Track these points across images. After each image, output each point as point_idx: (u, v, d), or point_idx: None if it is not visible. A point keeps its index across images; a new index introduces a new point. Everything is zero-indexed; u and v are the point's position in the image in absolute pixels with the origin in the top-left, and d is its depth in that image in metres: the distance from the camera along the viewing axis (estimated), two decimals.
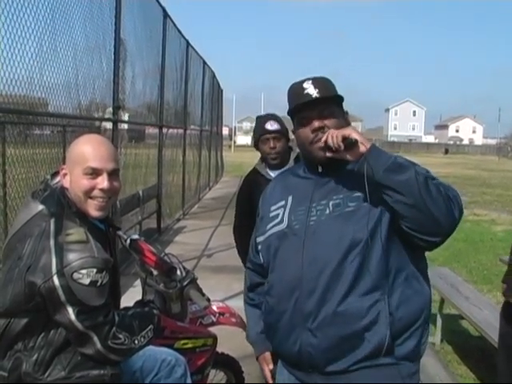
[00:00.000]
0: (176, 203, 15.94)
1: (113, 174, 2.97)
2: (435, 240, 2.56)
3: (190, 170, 18.50)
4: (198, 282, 3.72)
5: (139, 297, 3.73)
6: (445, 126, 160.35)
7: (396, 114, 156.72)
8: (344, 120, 2.79)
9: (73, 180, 2.92)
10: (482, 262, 11.43)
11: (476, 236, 14.12)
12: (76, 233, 2.80)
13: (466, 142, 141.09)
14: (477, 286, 9.07)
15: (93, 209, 2.93)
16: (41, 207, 2.88)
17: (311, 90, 2.72)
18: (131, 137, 12.00)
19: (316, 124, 2.70)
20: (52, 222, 2.81)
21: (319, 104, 2.71)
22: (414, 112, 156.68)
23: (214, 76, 25.66)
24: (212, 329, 4.01)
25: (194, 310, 3.89)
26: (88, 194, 2.90)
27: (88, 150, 2.92)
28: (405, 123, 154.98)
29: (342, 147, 2.54)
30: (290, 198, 2.85)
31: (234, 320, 4.25)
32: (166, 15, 12.99)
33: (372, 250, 2.59)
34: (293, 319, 2.68)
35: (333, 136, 2.57)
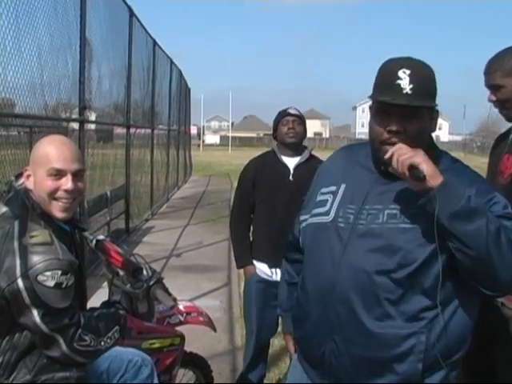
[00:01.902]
0: (144, 203, 15.87)
1: (77, 175, 2.95)
2: (491, 294, 2.33)
3: (158, 170, 18.41)
4: (167, 281, 3.72)
5: (107, 298, 3.73)
6: None
7: (363, 111, 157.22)
8: (430, 122, 2.46)
9: (37, 181, 2.90)
10: None
11: None
12: (40, 235, 2.78)
13: None
14: None
15: (57, 210, 2.91)
16: (4, 209, 2.86)
17: (405, 83, 2.32)
18: (99, 137, 11.91)
19: (394, 127, 2.36)
20: (16, 224, 2.79)
21: (406, 105, 2.34)
22: None
23: (181, 75, 25.54)
24: (181, 328, 3.99)
25: (161, 309, 3.87)
26: (52, 195, 2.88)
27: (51, 150, 2.90)
28: None
29: (407, 175, 2.24)
30: (342, 187, 2.57)
31: (201, 319, 4.24)
32: (132, 14, 12.89)
33: (423, 275, 2.33)
34: (319, 323, 2.50)
35: (399, 160, 2.25)
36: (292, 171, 4.70)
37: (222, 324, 6.68)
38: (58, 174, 2.88)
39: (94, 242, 3.66)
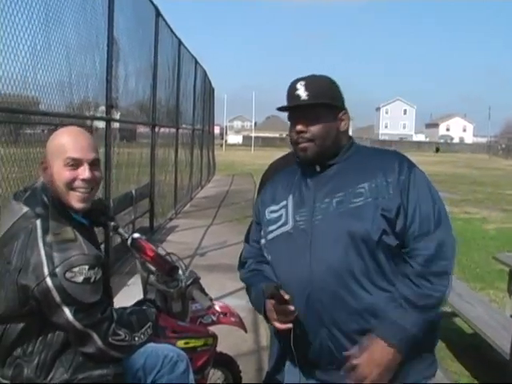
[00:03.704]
0: (168, 202, 15.89)
1: (93, 165, 2.94)
2: None
3: (182, 169, 18.46)
4: None
5: (133, 295, 3.73)
6: (435, 125, 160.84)
7: (387, 112, 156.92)
8: (334, 123, 2.82)
9: (54, 172, 2.89)
10: (474, 260, 11.45)
11: (468, 234, 14.09)
12: (63, 232, 2.77)
13: (456, 140, 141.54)
14: (469, 283, 9.08)
15: (75, 200, 2.90)
16: (25, 209, 2.84)
17: (301, 91, 2.75)
18: (122, 136, 11.95)
19: (298, 127, 2.76)
20: (38, 223, 2.77)
21: (305, 108, 2.75)
22: (405, 111, 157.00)
23: (205, 75, 25.60)
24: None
25: (194, 309, 3.87)
26: (70, 185, 2.87)
27: (67, 141, 2.90)
28: (395, 122, 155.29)
29: None
30: (290, 198, 2.87)
31: (233, 319, 4.25)
32: (158, 14, 12.94)
33: (380, 244, 2.60)
34: (307, 318, 2.68)
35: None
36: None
37: (248, 324, 6.58)
38: (75, 163, 2.87)
39: (130, 239, 3.65)
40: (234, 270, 3.59)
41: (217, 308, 4.11)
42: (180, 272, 3.55)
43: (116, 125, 10.48)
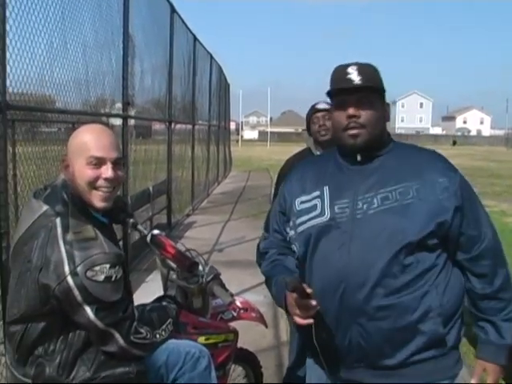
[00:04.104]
0: (185, 198, 15.93)
1: (116, 163, 2.91)
2: None
3: (198, 165, 18.48)
4: None
5: (152, 292, 3.73)
6: (452, 118, 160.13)
7: (403, 106, 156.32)
8: (383, 112, 2.77)
9: (75, 171, 2.85)
10: None
11: None
12: (84, 230, 2.75)
13: (473, 133, 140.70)
14: None
15: (97, 200, 2.87)
16: (45, 207, 2.81)
17: (354, 75, 2.67)
18: (138, 133, 11.97)
19: (351, 111, 2.67)
20: (58, 221, 2.75)
21: (359, 91, 2.68)
22: (421, 104, 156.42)
23: (221, 71, 25.58)
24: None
25: (214, 304, 3.87)
26: (92, 184, 2.84)
27: (90, 139, 2.86)
28: (412, 115, 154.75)
29: None
30: (326, 189, 2.78)
31: (254, 315, 4.24)
32: (173, 10, 12.95)
33: (423, 245, 2.59)
34: (340, 315, 2.64)
35: None
36: None
37: (267, 319, 6.51)
38: (98, 162, 2.84)
39: (150, 236, 3.63)
40: (253, 266, 3.56)
41: (237, 303, 4.10)
42: (200, 268, 3.53)
43: (132, 122, 10.49)
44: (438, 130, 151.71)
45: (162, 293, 3.59)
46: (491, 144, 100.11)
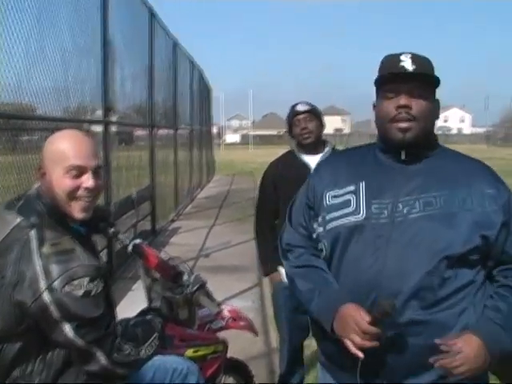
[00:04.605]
0: (169, 204, 15.84)
1: (96, 172, 2.72)
2: None
3: (181, 170, 18.42)
4: None
5: (139, 300, 3.59)
6: None
7: None
8: (435, 107, 2.53)
9: (54, 180, 2.66)
10: None
11: None
12: (61, 242, 2.57)
13: (454, 131, 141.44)
14: None
15: (77, 210, 2.68)
16: (19, 219, 2.63)
17: (408, 63, 2.43)
18: (121, 139, 11.85)
19: (402, 101, 2.42)
20: (33, 233, 2.56)
21: (412, 80, 2.43)
22: None
23: (201, 75, 25.57)
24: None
25: (201, 314, 3.72)
26: (72, 194, 2.66)
27: (68, 147, 2.66)
28: None
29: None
30: (362, 185, 2.54)
31: (243, 323, 4.10)
32: (152, 14, 12.84)
33: (464, 259, 2.38)
34: None
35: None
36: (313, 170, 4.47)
37: (256, 325, 6.40)
38: (78, 171, 2.65)
39: (131, 246, 3.48)
40: (239, 271, 3.48)
41: (225, 312, 3.97)
42: (185, 277, 3.39)
43: (114, 128, 10.38)
44: None
45: (147, 304, 3.47)
46: (472, 142, 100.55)
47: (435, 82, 2.50)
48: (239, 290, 8.34)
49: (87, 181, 2.68)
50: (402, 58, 2.45)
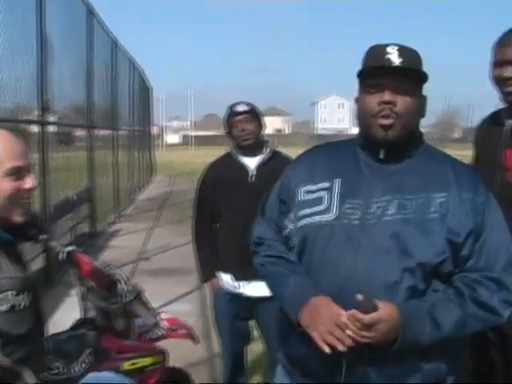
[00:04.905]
0: (109, 206, 15.61)
1: (31, 171, 2.52)
2: None
3: (122, 171, 18.19)
4: None
5: (77, 306, 3.42)
6: None
7: (324, 107, 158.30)
8: (421, 104, 2.40)
9: None
10: None
11: None
12: None
13: None
14: None
15: (18, 214, 2.45)
16: None
17: (394, 56, 2.29)
18: (60, 140, 11.60)
19: (386, 96, 2.28)
20: None
21: (398, 75, 2.29)
22: (341, 105, 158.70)
23: (142, 75, 25.36)
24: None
25: (139, 323, 3.56)
26: (14, 198, 2.41)
27: (1, 147, 2.42)
28: (332, 116, 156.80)
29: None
30: (337, 182, 2.40)
31: (183, 332, 3.96)
32: (90, 12, 12.62)
33: (436, 269, 2.25)
34: None
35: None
36: (253, 172, 4.35)
37: (197, 330, 6.28)
38: (17, 172, 2.43)
39: (64, 253, 3.30)
40: (179, 274, 3.37)
41: (164, 323, 3.82)
42: (121, 286, 3.23)
43: (52, 128, 10.15)
44: (357, 130, 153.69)
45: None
46: None
47: (423, 77, 2.38)
48: (180, 294, 8.23)
49: (30, 181, 2.47)
50: (389, 49, 2.31)
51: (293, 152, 4.54)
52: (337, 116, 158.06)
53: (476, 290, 2.26)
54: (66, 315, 3.02)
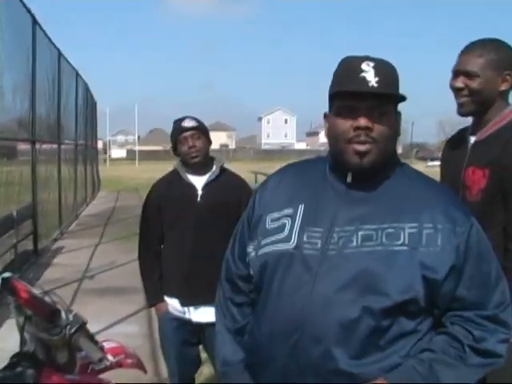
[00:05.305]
0: (53, 222, 15.24)
1: None
2: None
3: (66, 187, 17.87)
4: (81, 307, 3.17)
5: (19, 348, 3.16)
6: (316, 133, 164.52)
7: (269, 122, 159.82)
8: (395, 124, 2.19)
9: None
10: None
11: None
12: None
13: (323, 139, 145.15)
14: None
15: None
16: None
17: (370, 75, 2.08)
18: (1, 154, 11.26)
19: (362, 122, 2.08)
20: None
21: (374, 98, 2.10)
22: (286, 120, 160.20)
23: (87, 88, 25.10)
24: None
25: (83, 354, 3.28)
26: None
27: None
28: (277, 131, 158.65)
29: None
30: (301, 208, 2.21)
31: (130, 361, 3.68)
32: (35, 22, 12.32)
33: (404, 308, 2.05)
34: (288, 368, 2.12)
35: None
36: (200, 191, 4.18)
37: (145, 353, 6.16)
38: None
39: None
40: (125, 293, 3.13)
41: (110, 353, 3.51)
42: (63, 315, 2.97)
43: None
44: (302, 145, 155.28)
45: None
46: None
47: (399, 99, 2.20)
48: (126, 314, 7.96)
49: None
50: (364, 66, 2.10)
51: (238, 167, 4.41)
52: (282, 131, 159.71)
53: (473, 333, 2.10)
54: (7, 338, 2.77)
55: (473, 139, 3.12)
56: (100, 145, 72.65)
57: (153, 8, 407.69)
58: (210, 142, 4.27)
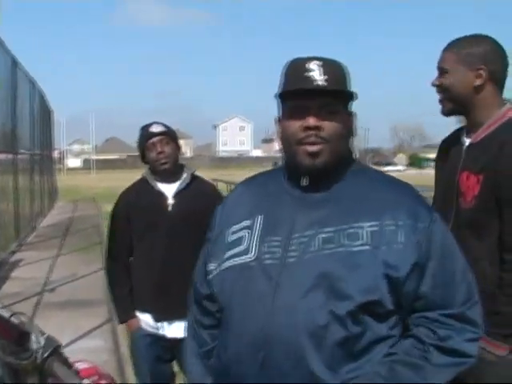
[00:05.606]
0: (10, 234, 14.92)
1: None
2: None
3: (22, 197, 17.57)
4: (42, 322, 2.95)
5: None
6: (271, 140, 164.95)
7: (225, 129, 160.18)
8: (349, 125, 2.15)
9: None
10: None
11: None
12: None
13: None
14: None
15: None
16: None
17: (317, 74, 2.03)
18: None
19: (311, 121, 2.02)
20: None
21: (322, 96, 2.04)
22: (242, 127, 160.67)
23: (42, 97, 24.82)
24: None
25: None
26: None
27: None
28: (234, 138, 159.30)
29: None
30: (259, 219, 2.14)
31: (104, 382, 3.54)
32: None
33: (372, 310, 1.96)
34: (260, 382, 2.01)
35: None
36: (172, 200, 4.04)
37: (112, 368, 6.00)
38: None
39: None
40: (87, 306, 2.97)
41: (85, 381, 3.32)
42: (33, 338, 2.78)
43: None
44: (258, 153, 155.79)
45: None
46: None
47: (351, 95, 2.14)
48: (90, 328, 7.74)
49: None
50: (311, 65, 2.05)
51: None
52: (238, 138, 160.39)
53: (437, 333, 2.00)
54: None
55: (467, 141, 2.99)
56: (56, 154, 72.02)
57: (110, 18, 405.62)
58: (179, 148, 4.13)
